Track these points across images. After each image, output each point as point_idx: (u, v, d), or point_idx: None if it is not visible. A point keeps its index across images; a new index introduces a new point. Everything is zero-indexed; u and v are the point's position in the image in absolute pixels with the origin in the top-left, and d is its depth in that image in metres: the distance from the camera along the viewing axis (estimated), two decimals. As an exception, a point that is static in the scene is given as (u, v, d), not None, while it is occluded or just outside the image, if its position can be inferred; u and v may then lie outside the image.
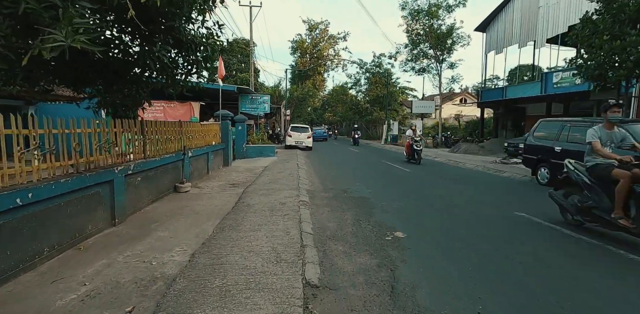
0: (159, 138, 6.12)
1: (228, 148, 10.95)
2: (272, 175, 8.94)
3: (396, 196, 6.50)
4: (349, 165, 11.81)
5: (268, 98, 15.86)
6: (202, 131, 8.93)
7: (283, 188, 6.88)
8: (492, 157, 17.23)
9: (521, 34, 22.73)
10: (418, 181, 8.77)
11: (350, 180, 8.58)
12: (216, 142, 10.26)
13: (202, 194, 6.46)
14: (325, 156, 16.14)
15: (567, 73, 19.63)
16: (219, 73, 10.74)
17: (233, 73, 40.22)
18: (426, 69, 25.88)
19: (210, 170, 9.11)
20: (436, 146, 25.20)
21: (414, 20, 24.87)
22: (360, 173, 9.89)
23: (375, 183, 8.10)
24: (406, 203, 5.90)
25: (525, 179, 9.55)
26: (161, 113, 15.15)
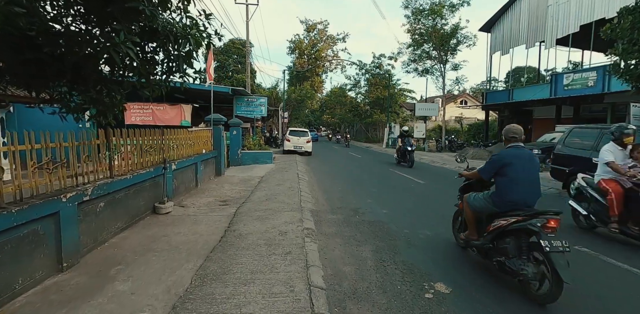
0: (133, 151, 5.06)
1: (221, 156, 9.89)
2: (270, 188, 7.88)
3: (418, 220, 5.45)
4: (355, 175, 10.78)
5: (265, 100, 14.81)
6: (191, 138, 7.87)
7: (282, 208, 5.83)
8: (502, 163, 16.29)
9: (528, 34, 21.86)
10: (436, 196, 7.73)
11: (360, 195, 7.53)
12: (207, 149, 9.20)
13: (186, 216, 5.40)
14: (327, 163, 15.09)
15: (578, 75, 18.77)
16: (207, 73, 9.67)
17: (229, 74, 39.24)
18: (429, 70, 24.94)
19: (199, 182, 8.05)
20: (440, 150, 24.24)
21: (416, 20, 23.93)
22: (369, 185, 8.84)
23: (389, 199, 7.05)
24: (434, 232, 4.81)
25: (552, 192, 8.56)
26: (150, 116, 14.05)
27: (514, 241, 3.12)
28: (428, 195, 7.80)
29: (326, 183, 9.18)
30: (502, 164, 3.33)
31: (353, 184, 9.10)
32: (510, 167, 3.26)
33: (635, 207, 4.35)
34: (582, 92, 18.06)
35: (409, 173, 11.30)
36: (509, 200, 3.26)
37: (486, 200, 3.48)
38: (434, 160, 16.73)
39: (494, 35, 24.69)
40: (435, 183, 9.54)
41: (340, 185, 8.97)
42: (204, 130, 9.04)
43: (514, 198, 3.23)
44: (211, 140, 9.59)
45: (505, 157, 3.35)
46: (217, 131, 9.78)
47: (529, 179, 3.26)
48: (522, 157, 3.31)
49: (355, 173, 11.51)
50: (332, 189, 8.29)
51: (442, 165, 14.79)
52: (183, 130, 7.42)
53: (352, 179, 10.02)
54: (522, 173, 3.24)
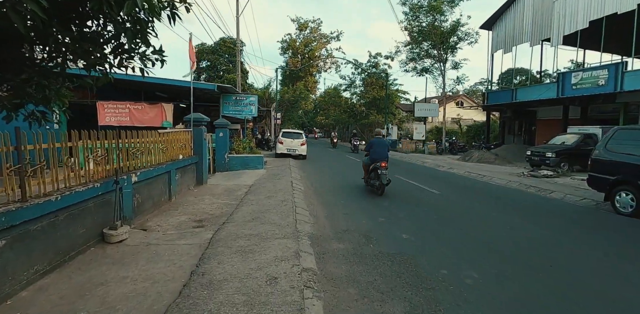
0: (66, 161, 3.70)
1: (203, 162, 8.53)
2: (259, 201, 6.54)
3: (454, 251, 4.04)
4: (357, 183, 9.49)
5: (255, 99, 13.45)
6: (163, 142, 6.51)
7: (273, 233, 4.50)
8: (511, 167, 15.16)
9: (533, 31, 20.86)
10: (460, 211, 6.44)
11: (368, 210, 6.22)
12: (186, 154, 7.84)
13: (144, 247, 4.05)
14: (324, 168, 13.78)
15: (587, 73, 17.78)
16: (191, 62, 8.30)
17: (220, 74, 37.80)
18: (429, 69, 23.82)
19: (173, 194, 6.68)
20: (441, 153, 23.11)
21: (414, 17, 22.83)
22: (377, 197, 7.54)
23: (405, 217, 5.71)
24: (482, 273, 3.40)
25: (588, 204, 7.36)
26: (126, 116, 12.63)
27: (373, 172, 7.83)
28: (450, 210, 6.50)
29: (325, 194, 7.85)
30: (371, 144, 8.15)
31: (357, 194, 7.80)
32: (374, 146, 8.01)
33: None
34: (592, 91, 17.05)
35: (418, 180, 10.03)
36: (373, 158, 7.88)
37: (368, 159, 8.15)
38: (439, 164, 15.54)
39: (495, 33, 23.68)
40: (452, 193, 8.27)
41: (343, 196, 7.65)
42: (181, 131, 7.68)
43: (374, 157, 7.84)
44: (191, 144, 8.22)
45: (373, 141, 8.17)
46: (198, 133, 8.41)
47: (380, 150, 7.88)
48: (379, 141, 8.10)
49: (357, 180, 10.22)
50: (333, 202, 6.97)
51: (449, 170, 13.59)
52: (152, 131, 6.06)
53: (355, 188, 8.72)
54: (378, 148, 7.94)
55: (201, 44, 39.02)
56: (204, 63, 40.00)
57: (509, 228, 5.21)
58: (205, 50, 38.98)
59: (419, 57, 23.37)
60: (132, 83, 12.99)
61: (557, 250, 4.36)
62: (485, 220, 5.80)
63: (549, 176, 11.96)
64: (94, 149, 4.17)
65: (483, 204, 7.12)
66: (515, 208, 6.90)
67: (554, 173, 12.28)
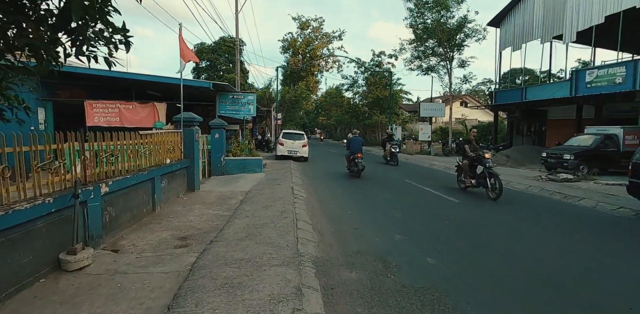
0: (3, 172, 2.90)
1: (194, 166, 7.73)
2: (255, 213, 5.73)
3: (496, 285, 3.22)
4: (364, 189, 8.66)
5: (254, 97, 12.64)
6: (146, 144, 5.72)
7: (269, 257, 3.68)
8: (525, 170, 14.31)
9: (544, 28, 20.02)
10: (487, 225, 5.59)
11: (381, 224, 5.37)
12: (174, 158, 7.04)
13: (107, 278, 3.24)
14: (327, 172, 12.95)
15: (603, 71, 16.93)
16: (182, 55, 7.50)
17: (220, 73, 37.08)
18: (434, 68, 22.97)
19: (157, 204, 5.88)
20: (447, 154, 22.22)
21: (420, 13, 22.01)
22: (389, 206, 6.67)
23: (427, 234, 4.82)
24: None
25: (626, 214, 6.51)
26: (116, 117, 11.85)
27: (352, 162, 11.03)
28: (476, 223, 5.63)
29: (330, 203, 7.02)
30: (350, 141, 11.46)
31: (366, 203, 6.97)
32: (352, 142, 11.20)
33: None
34: (608, 89, 16.19)
35: (431, 186, 9.18)
36: (352, 152, 11.03)
37: (348, 153, 11.31)
38: (448, 167, 14.68)
39: (503, 30, 22.85)
40: (472, 201, 7.40)
41: (349, 204, 6.83)
42: (169, 132, 6.87)
43: (352, 151, 11.01)
44: (181, 146, 7.43)
45: (351, 139, 11.44)
46: (189, 134, 7.61)
47: (357, 146, 10.95)
48: (356, 139, 11.42)
49: (364, 185, 9.40)
50: (339, 213, 6.15)
51: (461, 173, 12.74)
52: (131, 133, 5.26)
53: (362, 195, 7.90)
54: (355, 144, 11.06)
55: (201, 43, 38.36)
56: (204, 63, 39.36)
57: (552, 248, 4.37)
58: (204, 50, 38.34)
59: (425, 55, 22.53)
60: (123, 82, 12.23)
61: (622, 280, 3.53)
62: (520, 236, 4.96)
63: (569, 181, 11.12)
64: (45, 155, 3.37)
65: (510, 215, 6.28)
66: (547, 219, 6.06)
67: (573, 177, 11.44)
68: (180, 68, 7.55)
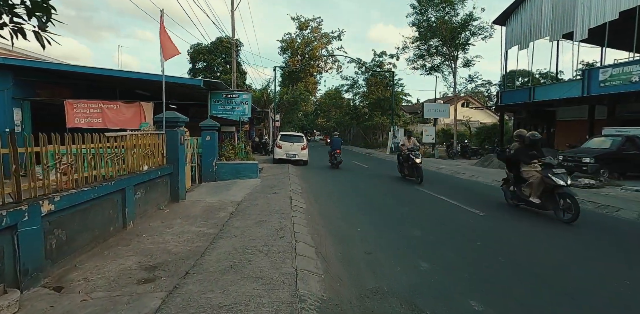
0: None
1: (179, 173, 6.78)
2: (245, 231, 4.78)
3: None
4: (372, 198, 7.70)
5: (249, 97, 11.69)
6: (115, 148, 4.78)
7: (259, 304, 2.70)
8: (539, 174, 13.38)
9: (553, 25, 19.18)
10: (526, 243, 4.68)
11: (400, 247, 4.35)
12: (154, 164, 6.10)
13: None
14: (329, 177, 12.02)
15: (618, 69, 16.08)
16: (163, 50, 6.56)
17: (217, 74, 36.19)
18: (438, 67, 22.11)
19: (129, 220, 4.93)
20: (452, 157, 21.31)
21: (423, 10, 21.17)
22: (405, 221, 5.66)
23: (461, 261, 3.84)
24: None
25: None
26: (99, 117, 10.91)
27: (332, 156, 14.47)
28: (514, 246, 4.68)
29: (334, 216, 6.06)
30: (331, 141, 15.24)
31: (377, 217, 6.00)
32: (333, 141, 14.90)
33: None
34: (623, 89, 15.33)
35: (446, 193, 8.21)
36: (332, 148, 14.55)
37: (330, 149, 14.91)
38: (457, 170, 13.78)
39: (510, 28, 22.03)
40: (499, 213, 6.42)
41: (357, 218, 5.86)
42: (147, 134, 5.92)
43: (333, 148, 14.50)
44: (162, 150, 6.48)
45: (333, 139, 15.10)
46: (173, 136, 6.66)
47: (336, 144, 14.55)
48: (336, 139, 14.96)
49: (371, 193, 8.46)
50: (346, 230, 5.18)
51: (473, 178, 11.83)
52: (94, 134, 4.32)
53: (372, 206, 6.94)
54: (335, 143, 14.66)
55: (197, 43, 37.52)
56: (200, 64, 38.50)
57: (628, 284, 3.41)
58: (201, 50, 37.50)
59: (429, 53, 21.67)
60: (107, 80, 11.30)
61: None
62: (579, 265, 4.00)
63: (593, 186, 10.22)
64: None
65: (550, 234, 5.32)
66: (593, 238, 5.11)
67: (596, 182, 10.54)
68: (162, 65, 6.60)
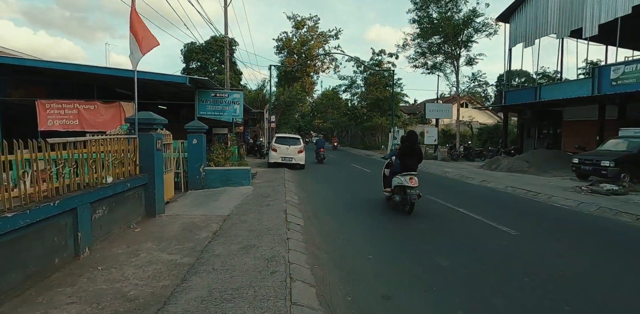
0: None
1: (155, 184, 5.79)
2: (228, 262, 3.81)
3: None
4: (381, 213, 6.77)
5: (240, 96, 10.69)
6: (62, 158, 3.80)
7: None
8: (552, 178, 12.51)
9: (561, 21, 18.36)
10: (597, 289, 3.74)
11: (427, 286, 3.29)
12: (124, 174, 5.12)
13: None
14: (328, 183, 11.06)
15: (631, 67, 15.27)
16: (138, 42, 5.55)
17: (212, 75, 35.22)
18: (440, 66, 21.24)
19: (83, 246, 3.95)
20: (456, 159, 20.44)
21: (425, 5, 20.30)
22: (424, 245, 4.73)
23: (509, 309, 2.96)
24: None
25: None
26: (75, 119, 9.90)
27: (317, 153, 18.17)
28: (567, 280, 3.69)
29: (339, 238, 5.05)
30: (316, 141, 19.44)
31: (390, 240, 5.00)
32: (317, 142, 18.78)
33: None
34: (637, 87, 14.53)
35: (463, 205, 7.19)
36: (317, 148, 18.25)
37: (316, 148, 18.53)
38: (464, 174, 12.88)
39: (514, 25, 21.23)
40: (533, 231, 5.40)
41: (367, 242, 4.87)
42: (113, 139, 4.93)
43: (318, 147, 18.27)
44: (134, 157, 5.50)
45: (317, 141, 19.41)
46: (147, 141, 5.67)
47: (320, 144, 18.34)
48: (320, 140, 19.26)
49: (377, 205, 7.50)
50: (354, 258, 4.19)
51: (484, 184, 10.91)
52: (43, 140, 3.34)
53: (381, 223, 5.95)
54: (319, 143, 18.49)
55: (191, 43, 36.56)
56: (194, 64, 37.53)
57: None
58: (195, 50, 36.51)
59: (430, 51, 20.80)
60: (83, 77, 10.28)
61: None
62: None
63: (616, 193, 9.33)
64: None
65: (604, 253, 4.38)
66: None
67: (619, 188, 9.64)
68: (136, 60, 5.58)
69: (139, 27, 5.74)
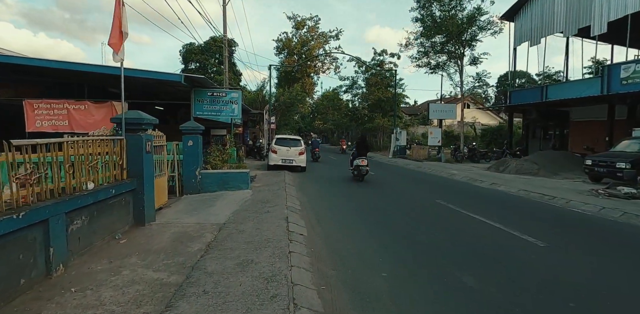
0: None
1: (144, 189, 5.29)
2: (221, 283, 3.31)
3: None
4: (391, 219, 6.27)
5: (239, 95, 10.20)
6: (30, 162, 3.31)
7: None
8: (564, 180, 12.00)
9: (567, 19, 17.90)
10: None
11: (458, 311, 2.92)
12: (109, 179, 4.63)
13: None
14: (331, 187, 10.57)
15: (642, 65, 14.81)
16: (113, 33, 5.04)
17: (211, 76, 34.81)
18: (445, 65, 20.77)
19: (55, 265, 3.45)
20: (460, 161, 19.94)
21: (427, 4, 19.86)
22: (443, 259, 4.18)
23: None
24: None
25: None
26: (64, 120, 9.43)
27: (312, 153, 19.66)
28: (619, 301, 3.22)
29: (347, 250, 4.50)
30: (311, 142, 22.73)
31: (404, 251, 4.47)
32: (312, 143, 21.54)
33: None
34: (656, 85, 14.05)
35: (479, 212, 6.61)
36: (312, 147, 20.37)
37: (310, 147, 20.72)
38: (472, 177, 12.38)
39: (519, 24, 20.78)
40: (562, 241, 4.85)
41: (379, 255, 4.33)
42: (93, 139, 4.43)
43: (313, 147, 20.38)
44: (121, 161, 5.00)
45: (312, 141, 22.40)
46: (135, 143, 5.18)
47: (315, 144, 20.79)
48: (315, 141, 22.09)
49: (385, 210, 6.98)
50: (367, 277, 3.66)
51: (494, 187, 10.41)
52: (4, 142, 2.85)
53: (393, 232, 5.43)
54: (314, 143, 21.14)
55: (189, 43, 36.23)
56: (193, 65, 37.17)
57: None
58: (194, 51, 36.14)
59: (434, 50, 20.34)
60: (74, 76, 9.80)
61: None
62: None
63: (635, 196, 8.84)
64: None
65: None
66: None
67: (638, 191, 9.16)
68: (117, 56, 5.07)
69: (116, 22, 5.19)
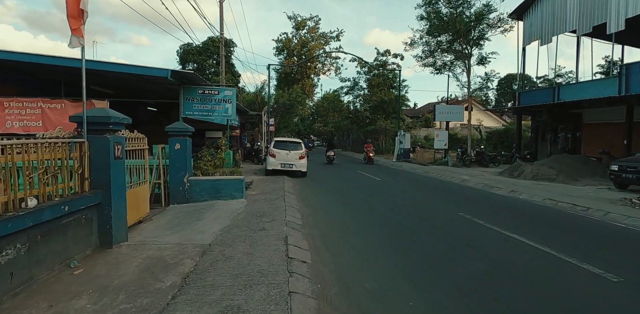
0: None
1: (114, 202, 4.32)
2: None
3: None
4: (410, 237, 5.30)
5: (233, 93, 9.21)
6: None
7: None
8: (587, 187, 11.04)
9: (581, 16, 17.04)
10: None
11: None
12: (64, 191, 3.68)
13: None
14: (335, 195, 9.60)
15: (664, 64, 13.94)
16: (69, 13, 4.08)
17: (209, 76, 33.94)
18: (452, 65, 19.88)
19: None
20: (467, 165, 18.95)
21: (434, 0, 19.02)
22: (483, 294, 3.27)
23: None
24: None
25: None
26: (38, 120, 8.48)
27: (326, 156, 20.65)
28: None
29: (363, 288, 3.50)
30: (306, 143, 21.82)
31: (438, 291, 3.45)
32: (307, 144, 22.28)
33: None
34: (672, 86, 13.17)
35: (511, 228, 5.69)
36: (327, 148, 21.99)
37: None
38: (486, 183, 11.42)
39: (528, 22, 19.97)
40: (633, 275, 4.01)
41: (404, 296, 3.36)
42: (36, 143, 3.48)
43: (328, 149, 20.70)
44: (84, 168, 4.04)
45: (306, 143, 20.34)
46: (101, 146, 4.22)
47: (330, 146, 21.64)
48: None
49: (402, 224, 6.01)
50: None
51: (514, 195, 9.45)
52: None
53: (416, 256, 4.41)
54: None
55: (187, 44, 35.39)
56: (190, 65, 36.36)
57: None
58: (191, 51, 35.30)
59: (440, 49, 19.46)
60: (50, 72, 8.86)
61: None
62: None
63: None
64: None
65: None
66: None
67: (676, 201, 8.22)
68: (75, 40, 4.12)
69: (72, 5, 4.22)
